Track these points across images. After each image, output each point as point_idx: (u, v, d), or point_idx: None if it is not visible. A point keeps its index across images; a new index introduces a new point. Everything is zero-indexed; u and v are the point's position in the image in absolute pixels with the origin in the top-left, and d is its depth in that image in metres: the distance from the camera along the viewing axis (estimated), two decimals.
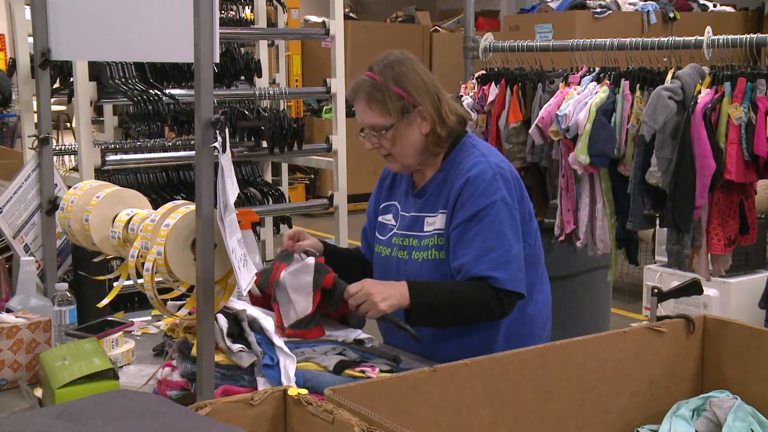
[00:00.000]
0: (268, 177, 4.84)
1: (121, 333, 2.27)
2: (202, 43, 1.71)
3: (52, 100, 2.86)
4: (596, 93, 3.56)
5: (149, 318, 2.67)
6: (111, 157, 3.74)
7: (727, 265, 3.53)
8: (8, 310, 2.23)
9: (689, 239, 3.37)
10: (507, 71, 4.04)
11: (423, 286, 2.24)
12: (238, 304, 2.01)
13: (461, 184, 2.28)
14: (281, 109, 4.51)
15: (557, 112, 3.58)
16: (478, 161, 2.30)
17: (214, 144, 1.73)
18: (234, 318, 1.95)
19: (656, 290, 2.01)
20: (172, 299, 2.00)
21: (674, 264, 3.44)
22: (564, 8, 6.86)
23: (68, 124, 11.63)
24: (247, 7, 4.94)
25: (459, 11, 10.31)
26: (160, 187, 4.19)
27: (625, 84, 3.51)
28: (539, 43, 4.12)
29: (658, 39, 3.63)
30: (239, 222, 1.83)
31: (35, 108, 2.67)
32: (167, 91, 3.70)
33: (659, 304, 1.99)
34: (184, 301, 1.92)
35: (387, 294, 2.13)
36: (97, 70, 3.61)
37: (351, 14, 12.28)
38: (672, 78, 3.38)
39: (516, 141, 3.88)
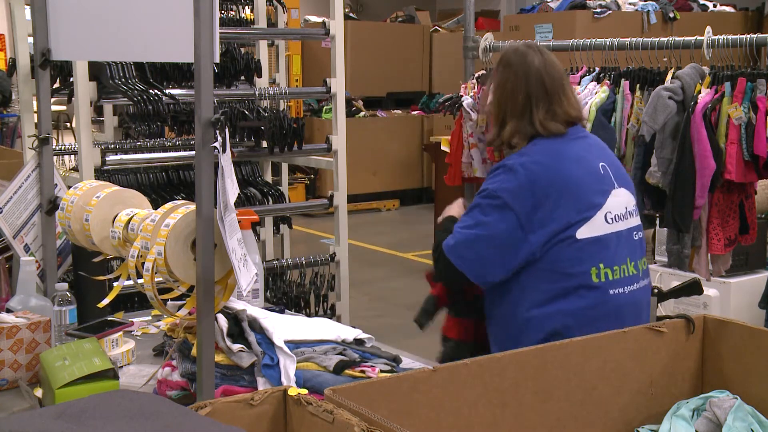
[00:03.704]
0: (268, 177, 4.83)
1: (121, 333, 2.27)
2: (202, 43, 1.71)
3: (52, 100, 2.86)
4: (596, 93, 3.56)
5: (149, 318, 2.67)
6: (111, 157, 3.73)
7: (727, 265, 3.53)
8: (8, 310, 2.23)
9: (689, 239, 3.37)
10: None
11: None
12: (238, 304, 2.01)
13: None
14: (281, 109, 4.51)
15: None
16: (512, 156, 2.43)
17: (214, 144, 1.73)
18: (234, 318, 1.95)
19: (656, 290, 2.01)
20: (172, 299, 2.00)
21: (674, 264, 3.44)
22: (564, 8, 6.86)
23: (68, 124, 11.64)
24: (247, 7, 4.93)
25: (459, 11, 10.31)
26: (160, 187, 4.19)
27: (625, 84, 3.51)
28: (539, 43, 4.12)
29: (658, 39, 3.63)
30: (239, 222, 1.83)
31: (35, 108, 2.67)
32: (167, 91, 3.70)
33: (659, 304, 1.99)
34: (184, 301, 1.92)
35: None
36: (97, 70, 3.61)
37: (351, 14, 12.28)
38: (672, 78, 3.38)
39: None
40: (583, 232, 2.33)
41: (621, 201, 2.41)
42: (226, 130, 1.75)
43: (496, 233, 2.34)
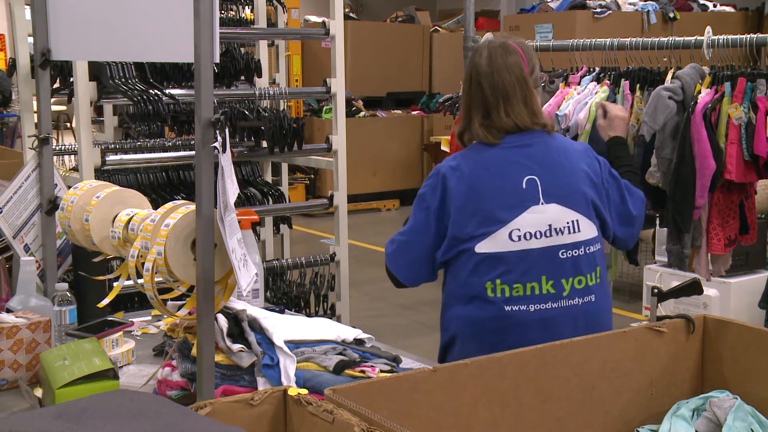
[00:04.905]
0: (268, 177, 4.84)
1: (121, 333, 2.27)
2: (202, 43, 1.71)
3: (52, 100, 2.86)
4: (596, 93, 3.56)
5: (149, 318, 2.67)
6: (111, 157, 3.74)
7: (727, 265, 3.53)
8: (8, 310, 2.23)
9: (689, 239, 3.37)
10: None
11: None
12: (238, 304, 2.01)
13: None
14: (281, 109, 4.51)
15: (557, 112, 3.58)
16: (444, 160, 2.48)
17: (214, 144, 1.73)
18: (234, 318, 1.95)
19: (656, 290, 2.01)
20: (172, 299, 2.00)
21: (674, 264, 3.44)
22: (564, 8, 6.87)
23: (68, 124, 11.65)
24: (247, 7, 4.93)
25: (459, 11, 10.31)
26: (160, 187, 4.19)
27: (625, 84, 3.51)
28: (539, 43, 4.12)
29: (658, 39, 3.63)
30: (239, 222, 1.84)
31: (35, 108, 2.67)
32: (167, 91, 3.70)
33: (659, 304, 1.99)
34: (184, 301, 1.92)
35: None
36: (97, 70, 3.61)
37: (351, 14, 12.28)
38: (672, 78, 3.38)
39: None
40: (482, 247, 2.33)
41: (542, 218, 2.31)
42: (226, 130, 1.75)
43: (421, 238, 2.42)
